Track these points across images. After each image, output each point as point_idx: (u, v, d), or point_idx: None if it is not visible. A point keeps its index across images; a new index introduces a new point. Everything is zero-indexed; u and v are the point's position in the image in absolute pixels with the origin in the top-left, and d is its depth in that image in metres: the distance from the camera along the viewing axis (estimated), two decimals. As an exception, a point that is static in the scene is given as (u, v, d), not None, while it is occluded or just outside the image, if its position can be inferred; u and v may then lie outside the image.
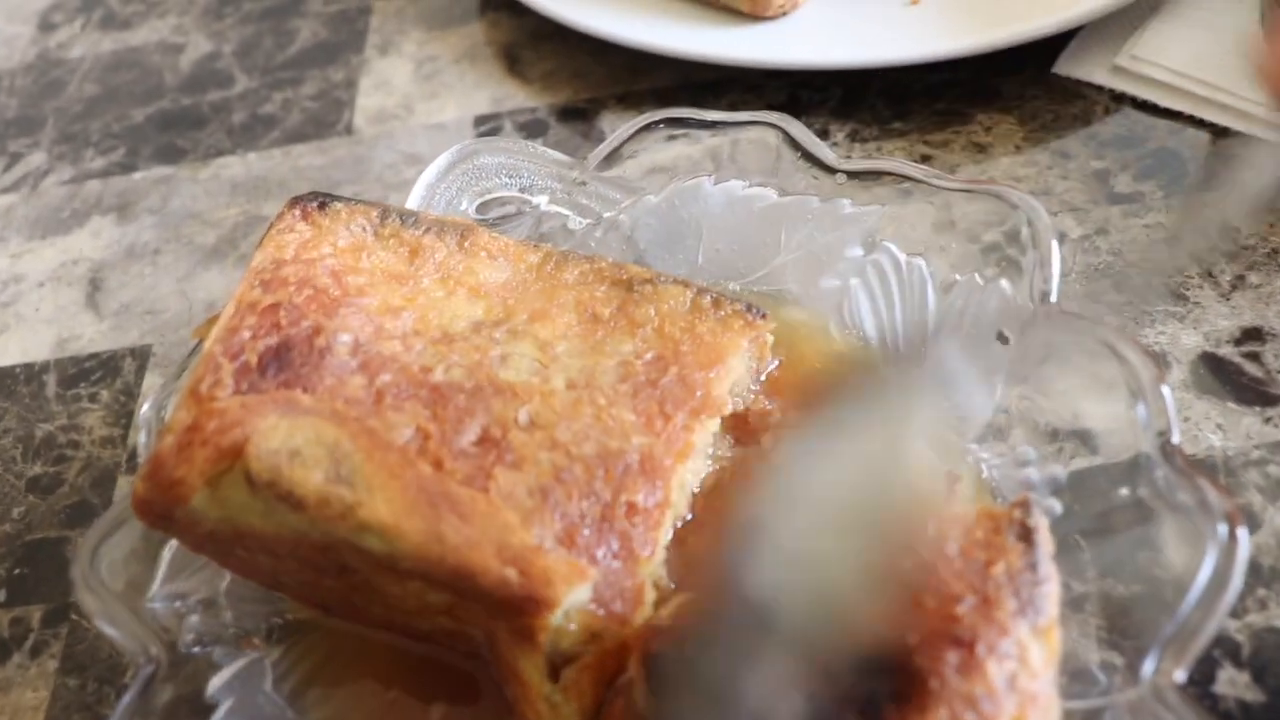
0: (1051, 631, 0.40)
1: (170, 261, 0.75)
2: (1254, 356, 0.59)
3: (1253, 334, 0.59)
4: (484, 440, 0.47)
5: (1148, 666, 0.42)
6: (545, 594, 0.43)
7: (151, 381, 0.68)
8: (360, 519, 0.43)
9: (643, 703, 0.40)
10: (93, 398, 0.68)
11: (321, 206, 0.54)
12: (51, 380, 0.69)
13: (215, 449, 0.45)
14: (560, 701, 0.45)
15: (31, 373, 0.70)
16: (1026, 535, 0.42)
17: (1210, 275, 0.62)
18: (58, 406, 0.68)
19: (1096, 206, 0.67)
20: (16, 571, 0.61)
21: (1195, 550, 0.44)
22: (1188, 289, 0.62)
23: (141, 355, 0.70)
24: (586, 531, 0.46)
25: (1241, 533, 0.43)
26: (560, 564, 0.44)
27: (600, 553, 0.45)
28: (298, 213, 0.54)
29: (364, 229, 0.54)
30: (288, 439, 0.45)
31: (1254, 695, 0.48)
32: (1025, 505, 0.43)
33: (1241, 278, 0.62)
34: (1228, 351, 0.59)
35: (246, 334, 0.49)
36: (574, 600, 0.44)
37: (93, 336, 0.71)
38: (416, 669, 0.50)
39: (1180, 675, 0.41)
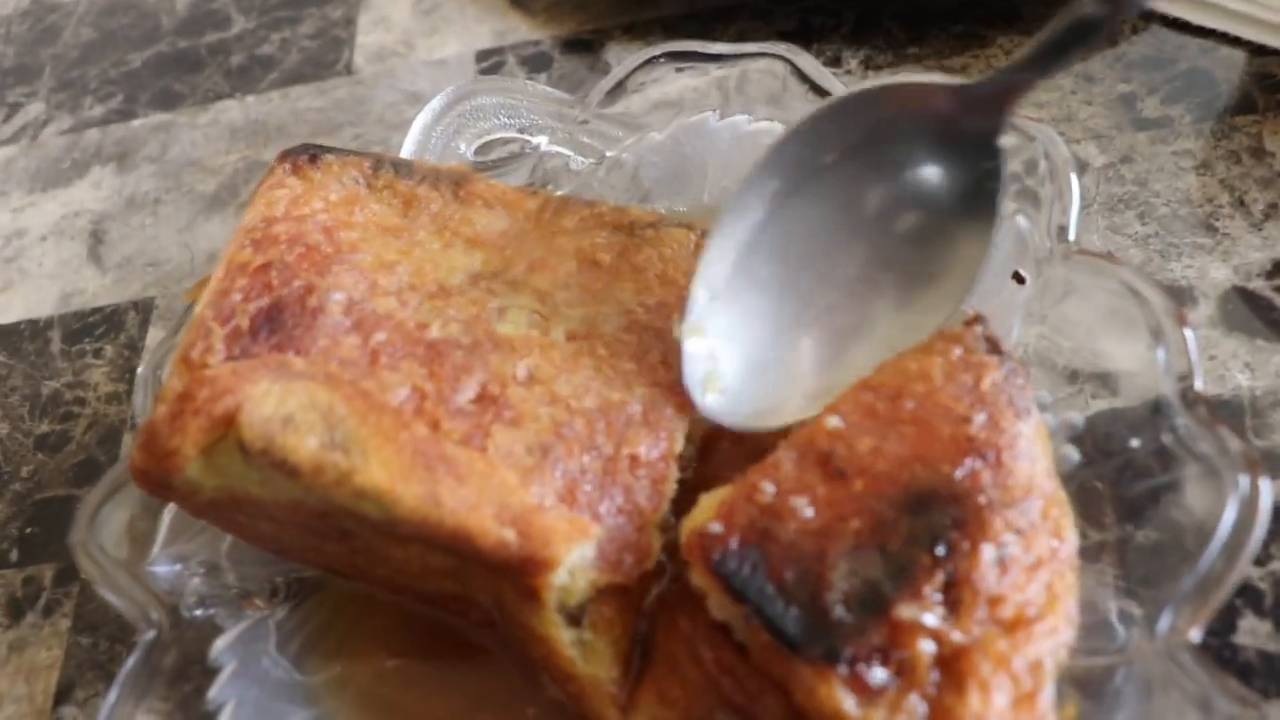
0: (1041, 426, 0.44)
1: (171, 211, 0.73)
2: (1285, 290, 0.56)
3: (1285, 266, 0.57)
4: (482, 398, 0.46)
5: (1163, 624, 0.41)
6: (545, 554, 0.42)
7: (155, 335, 0.67)
8: (356, 485, 0.42)
9: (724, 612, 0.40)
10: (97, 353, 0.67)
11: (313, 159, 0.53)
12: (56, 336, 0.69)
13: (208, 418, 0.44)
14: (590, 640, 0.44)
15: (36, 329, 0.69)
16: (995, 346, 0.44)
17: (1242, 204, 0.60)
18: (63, 363, 0.67)
19: (1121, 133, 0.64)
20: (28, 531, 0.61)
21: (1217, 498, 0.43)
22: (1217, 219, 0.59)
23: (145, 308, 0.69)
24: (588, 487, 0.45)
25: (1264, 484, 0.41)
26: (561, 522, 0.43)
27: (603, 508, 0.44)
28: (288, 167, 0.53)
29: (356, 181, 0.53)
30: (280, 405, 0.44)
31: (1276, 646, 0.47)
32: (980, 320, 0.45)
33: (1275, 205, 0.59)
34: (1258, 285, 0.57)
35: (237, 296, 0.48)
36: (576, 559, 0.42)
37: (96, 290, 0.70)
38: (423, 628, 0.50)
39: (1195, 635, 0.40)
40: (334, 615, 0.51)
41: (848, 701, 0.37)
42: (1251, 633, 0.47)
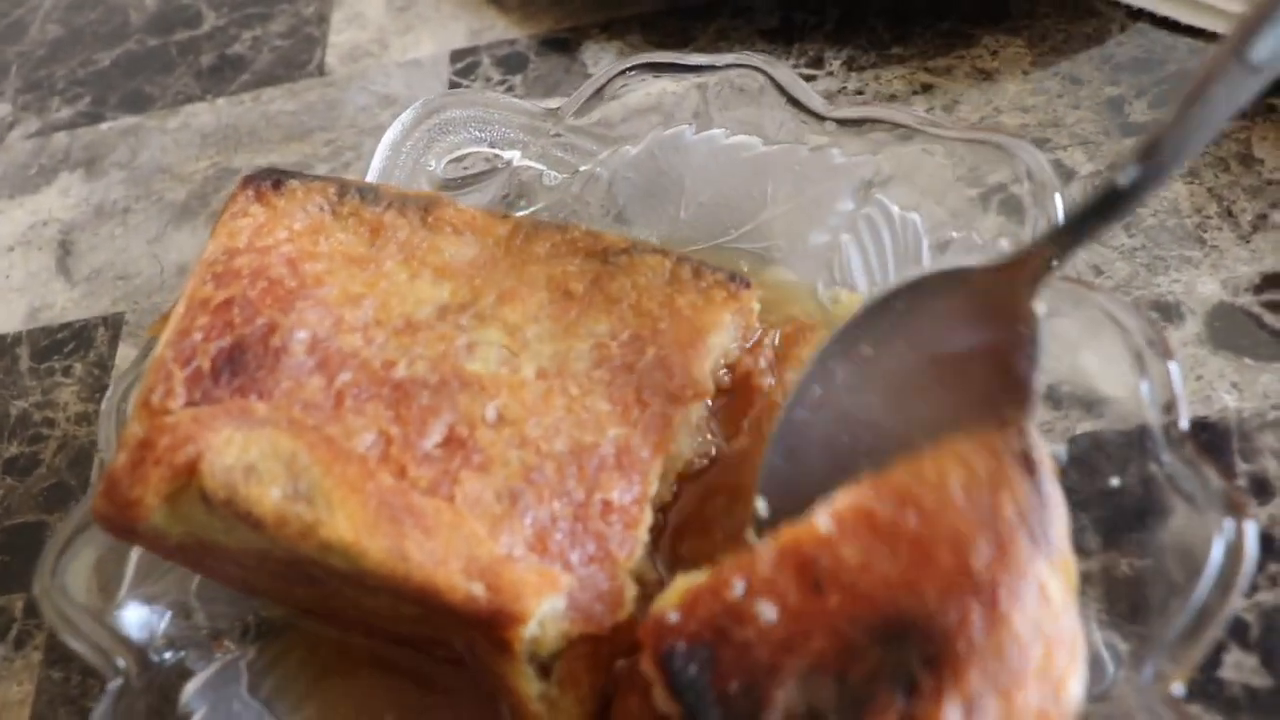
0: (1067, 563, 0.39)
1: (140, 221, 0.72)
2: (1274, 306, 0.55)
3: (1274, 280, 0.56)
4: (449, 441, 0.45)
5: (1146, 675, 0.40)
6: (515, 608, 0.41)
7: (125, 352, 0.66)
8: (321, 538, 0.41)
9: (665, 705, 0.38)
10: (66, 371, 0.66)
11: (276, 186, 0.51)
12: (25, 353, 0.67)
13: (169, 467, 0.43)
14: (556, 696, 0.43)
15: (4, 345, 0.68)
16: (1028, 464, 0.40)
17: (1230, 214, 0.58)
18: (31, 381, 0.66)
19: (1109, 138, 0.62)
20: (-2, 559, 0.60)
21: (1202, 535, 0.42)
22: (1205, 230, 0.58)
23: (114, 324, 0.67)
24: (559, 535, 0.44)
25: (1249, 527, 0.40)
26: (530, 574, 0.42)
27: (575, 557, 0.44)
28: (251, 193, 0.51)
29: (321, 208, 0.51)
30: (242, 454, 0.43)
31: (1262, 680, 0.46)
32: (1020, 430, 0.41)
33: (1264, 216, 0.58)
34: (1246, 300, 0.55)
35: (198, 335, 0.47)
36: (547, 611, 0.42)
37: (65, 305, 0.69)
38: (396, 669, 0.49)
39: (1178, 689, 0.39)
40: (307, 656, 0.50)
41: None
42: (1237, 667, 0.47)
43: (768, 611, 0.38)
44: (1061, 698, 0.36)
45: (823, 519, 0.40)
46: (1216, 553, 0.40)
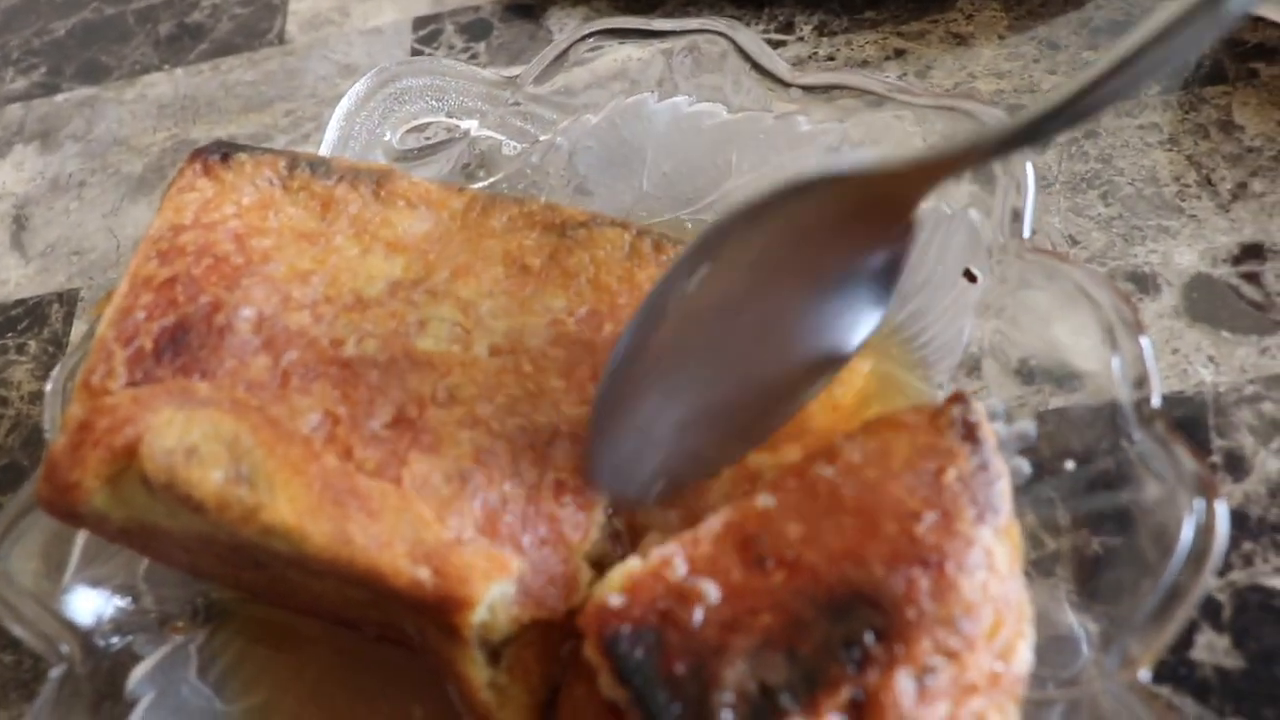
0: (1012, 529, 0.39)
1: (96, 195, 0.70)
2: (1253, 277, 0.54)
3: (1253, 251, 0.54)
4: (398, 421, 0.43)
5: (1112, 660, 0.39)
6: (463, 592, 0.39)
7: (80, 329, 0.64)
8: (263, 521, 0.40)
9: (612, 691, 0.37)
10: (20, 349, 0.64)
11: (224, 159, 0.50)
12: (-22, 331, 0.66)
13: (108, 449, 0.42)
14: (505, 684, 0.42)
15: (-43, 323, 0.66)
16: (970, 434, 0.40)
17: (1209, 183, 0.57)
18: (-15, 360, 0.64)
19: (1086, 105, 0.60)
20: (-51, 542, 0.58)
21: (1173, 516, 0.40)
22: (1184, 199, 0.57)
23: (69, 300, 0.66)
24: (510, 518, 0.42)
25: (1220, 508, 0.39)
26: (479, 558, 0.41)
27: (526, 539, 0.42)
28: (198, 168, 0.49)
29: (271, 182, 0.50)
30: (183, 436, 0.41)
31: (1234, 662, 0.45)
32: (962, 400, 0.41)
33: (1244, 185, 0.56)
34: (1224, 272, 0.54)
35: (141, 315, 0.45)
36: (496, 595, 0.40)
37: (19, 281, 0.67)
38: (347, 652, 0.48)
39: (1145, 674, 0.38)
40: (256, 639, 0.49)
41: None
42: (1209, 648, 0.46)
43: (712, 590, 0.37)
44: (1012, 661, 0.36)
45: (763, 495, 0.39)
46: (1186, 534, 0.39)
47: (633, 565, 0.39)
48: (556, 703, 0.42)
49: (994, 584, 0.37)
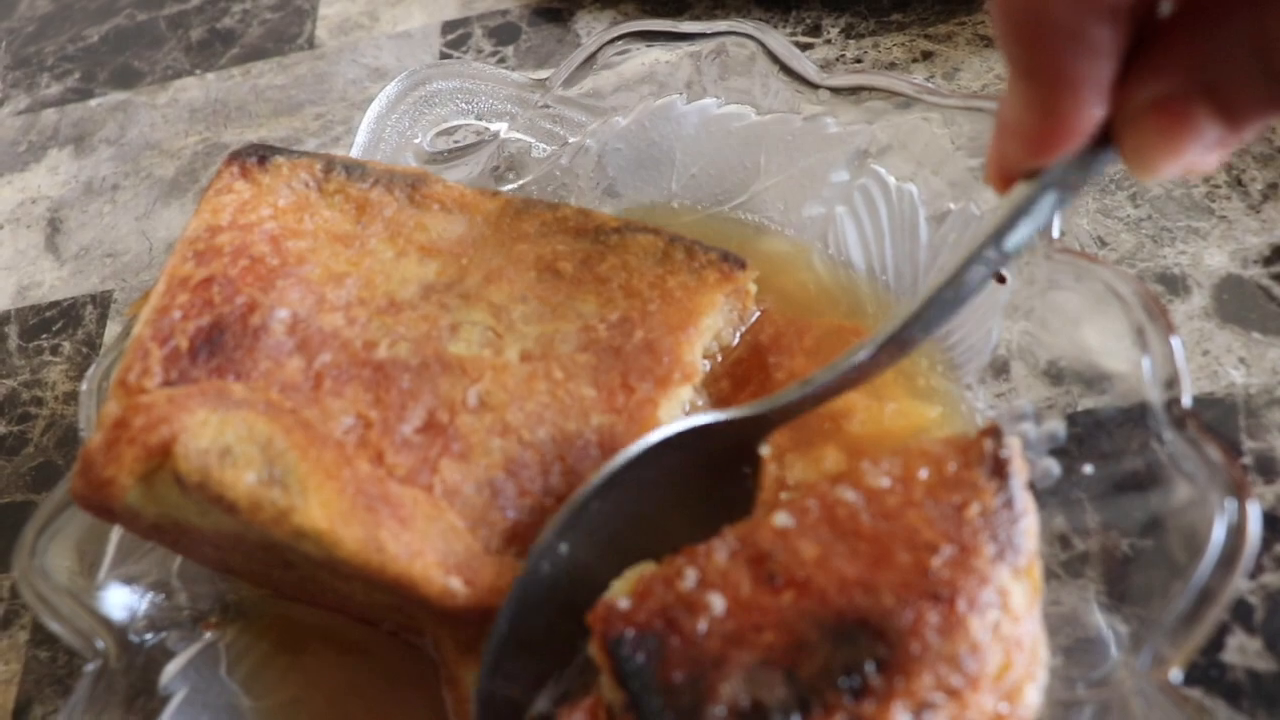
0: (1032, 569, 0.37)
1: (129, 198, 0.71)
2: (1284, 278, 0.53)
3: (1284, 252, 0.54)
4: (429, 426, 0.44)
5: (1143, 661, 0.39)
6: (494, 604, 0.40)
7: (113, 330, 0.65)
8: (294, 524, 0.40)
9: (610, 692, 0.37)
10: (55, 350, 0.65)
11: (261, 162, 0.50)
12: (13, 332, 0.66)
13: (143, 447, 0.42)
14: None
15: (-7, 325, 0.67)
16: (999, 469, 0.38)
17: (1239, 183, 0.57)
18: (20, 360, 0.65)
19: (1115, 106, 0.60)
20: (-14, 540, 0.59)
21: (1203, 516, 0.40)
22: (1214, 200, 0.56)
23: (103, 302, 0.66)
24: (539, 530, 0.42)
25: (1253, 510, 0.39)
26: (509, 570, 0.41)
27: (556, 551, 0.42)
28: (236, 170, 0.50)
29: (307, 185, 0.50)
30: (217, 437, 0.42)
31: (1266, 664, 0.45)
32: (995, 434, 0.39)
33: (1275, 185, 0.56)
34: (1255, 273, 0.54)
35: (177, 314, 0.46)
36: (529, 606, 0.41)
37: (53, 283, 0.68)
38: (376, 650, 0.48)
39: (1176, 675, 0.38)
40: (285, 636, 0.49)
41: None
42: (1240, 650, 0.46)
43: (718, 603, 0.37)
44: (1017, 704, 0.35)
45: (780, 514, 0.39)
46: (1218, 534, 0.39)
47: (646, 569, 0.39)
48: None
49: (1006, 625, 0.36)
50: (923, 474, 0.39)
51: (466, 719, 0.42)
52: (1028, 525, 0.38)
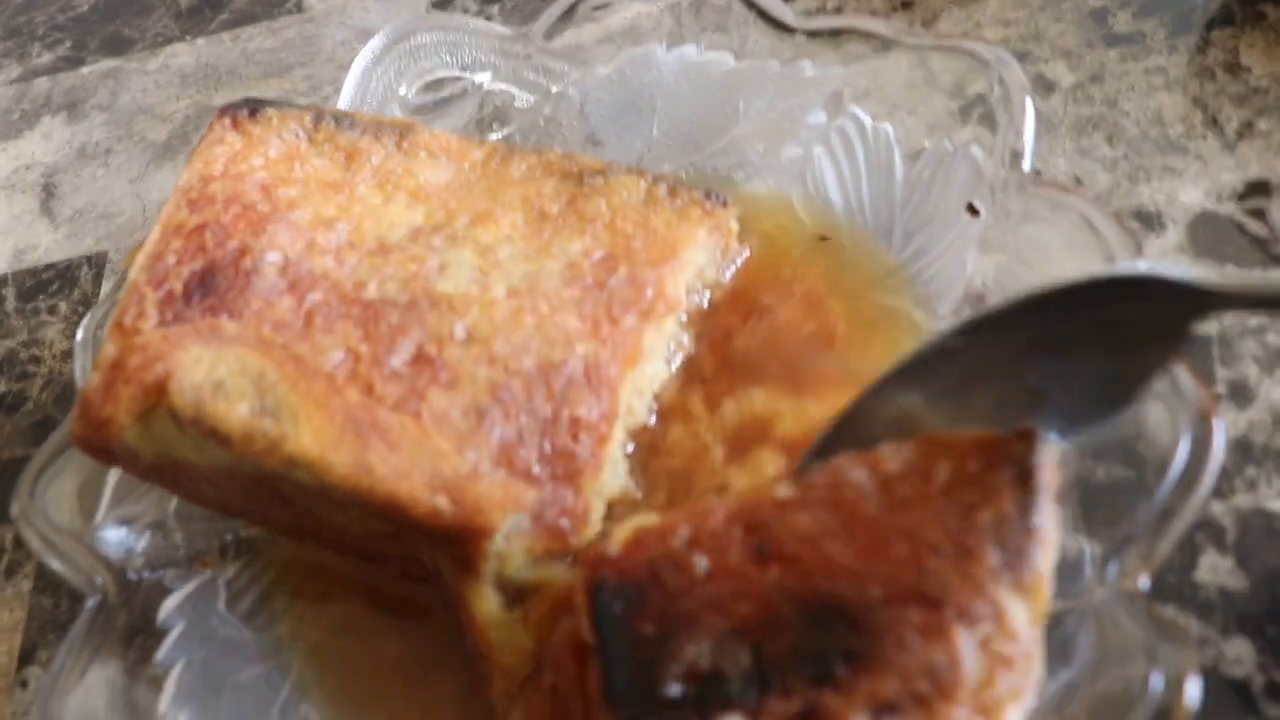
0: (1039, 587, 0.35)
1: (123, 161, 0.72)
2: (1258, 214, 0.54)
3: (1258, 188, 0.55)
4: (418, 359, 0.45)
5: (1111, 570, 0.40)
6: (479, 522, 0.41)
7: (109, 291, 0.66)
8: (286, 453, 0.41)
9: (587, 635, 0.37)
10: (52, 310, 0.66)
11: (252, 114, 0.51)
12: (10, 294, 0.68)
13: (139, 385, 0.43)
14: (514, 627, 0.43)
15: (-10, 287, 0.68)
16: (1025, 476, 0.36)
17: (1215, 123, 0.58)
18: (18, 321, 0.66)
19: (1091, 50, 0.61)
20: (-14, 494, 0.60)
21: (1173, 435, 0.41)
22: (1189, 139, 0.57)
23: (98, 263, 0.68)
24: (525, 452, 0.44)
25: (1218, 427, 0.40)
26: (495, 489, 0.42)
27: (541, 473, 0.44)
28: (227, 122, 0.51)
29: (297, 135, 0.51)
30: (211, 371, 0.43)
31: (1236, 582, 0.46)
32: (1029, 438, 0.36)
33: (1250, 125, 0.57)
34: (1230, 208, 0.55)
35: (171, 259, 0.47)
36: (511, 526, 0.42)
37: (49, 246, 0.69)
38: (371, 585, 0.49)
39: (1144, 582, 0.39)
40: (284, 573, 0.50)
41: None
42: (1212, 569, 0.47)
43: (703, 564, 0.36)
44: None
45: (782, 486, 0.38)
46: (1182, 450, 0.40)
47: (646, 520, 0.40)
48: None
49: (998, 641, 0.33)
50: (943, 467, 0.37)
51: (478, 638, 0.43)
52: (1043, 539, 0.35)
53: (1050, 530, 0.35)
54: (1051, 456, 0.36)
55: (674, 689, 0.34)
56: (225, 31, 0.76)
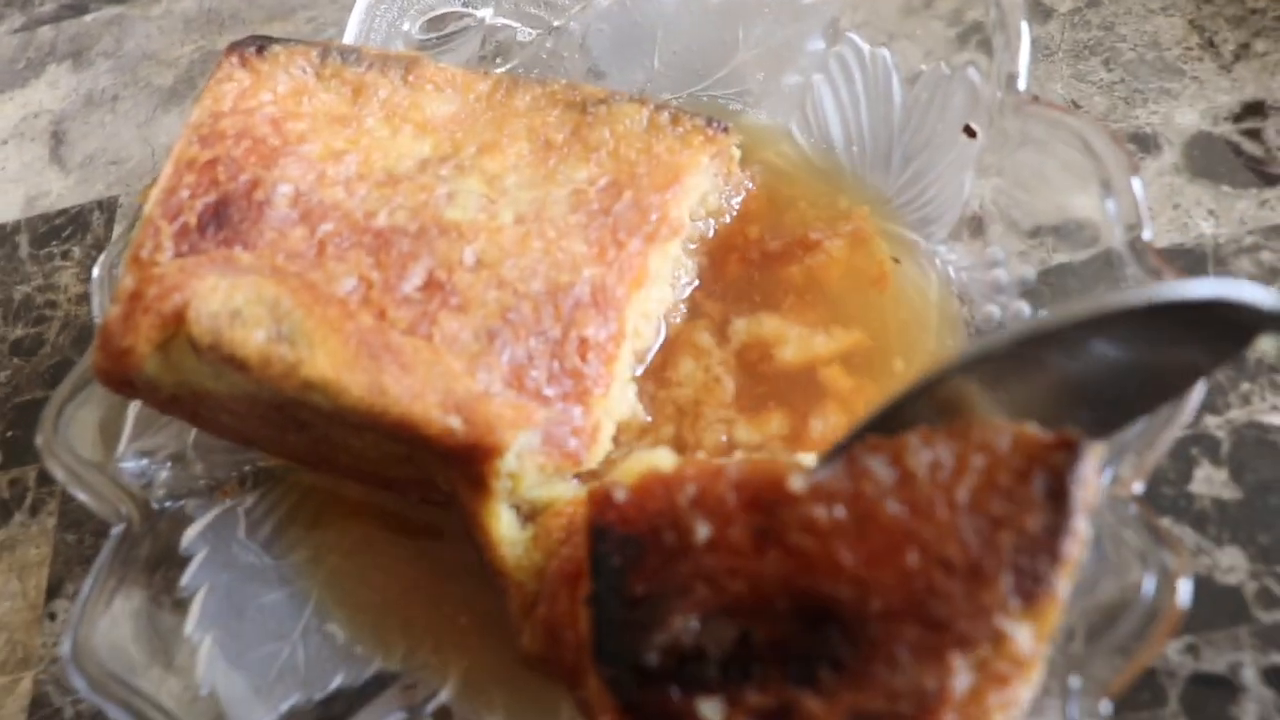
0: (1050, 609, 0.32)
1: (130, 107, 0.73)
2: (1254, 134, 0.55)
3: (1254, 109, 0.56)
4: (428, 285, 0.46)
5: (1106, 477, 0.41)
6: (490, 440, 0.42)
7: (121, 232, 0.67)
8: (303, 376, 0.43)
9: (585, 576, 0.38)
10: (65, 255, 0.67)
11: (260, 51, 0.52)
12: (24, 241, 0.69)
13: (158, 315, 0.44)
14: (527, 545, 0.45)
15: (4, 234, 0.69)
16: (1059, 493, 0.33)
17: (1211, 45, 0.58)
18: (32, 267, 0.67)
19: (1089, -24, 0.62)
20: (9, 434, 0.62)
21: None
22: (1185, 62, 0.58)
23: (109, 208, 0.68)
24: (535, 372, 0.45)
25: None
26: (505, 408, 0.43)
27: (550, 392, 0.45)
28: (235, 60, 0.52)
29: (304, 71, 0.52)
30: (227, 300, 0.44)
31: (1231, 493, 0.47)
32: (1071, 447, 0.33)
33: (1246, 46, 0.58)
34: (1226, 129, 0.55)
35: (185, 193, 0.48)
36: (522, 444, 0.43)
37: (60, 192, 0.70)
38: (385, 510, 0.51)
39: (1138, 487, 0.40)
40: (301, 501, 0.52)
41: None
42: (1207, 481, 0.48)
43: (704, 534, 0.35)
44: None
45: (796, 477, 0.35)
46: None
47: (656, 458, 0.40)
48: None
49: (995, 662, 0.32)
50: (973, 470, 0.34)
51: (493, 557, 0.44)
52: (1063, 565, 0.32)
53: (1077, 553, 0.33)
54: (1094, 470, 0.33)
55: (656, 658, 0.34)
56: (227, -24, 0.77)
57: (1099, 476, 0.34)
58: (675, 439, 0.50)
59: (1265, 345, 0.44)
